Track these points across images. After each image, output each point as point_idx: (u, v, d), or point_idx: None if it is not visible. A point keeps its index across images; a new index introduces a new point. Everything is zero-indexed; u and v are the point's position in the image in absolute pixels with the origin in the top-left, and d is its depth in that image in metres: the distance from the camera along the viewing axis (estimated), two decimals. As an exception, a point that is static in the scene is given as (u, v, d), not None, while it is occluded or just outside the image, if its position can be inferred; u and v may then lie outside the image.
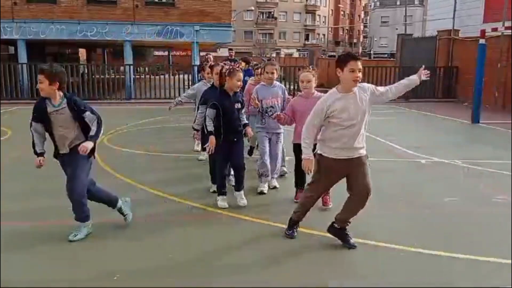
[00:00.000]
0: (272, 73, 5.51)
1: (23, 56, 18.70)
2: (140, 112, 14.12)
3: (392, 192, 5.70)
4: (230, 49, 13.91)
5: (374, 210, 4.99)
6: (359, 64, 3.58)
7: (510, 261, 3.66)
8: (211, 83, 6.12)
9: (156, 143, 8.85)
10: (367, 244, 4.04)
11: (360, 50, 73.12)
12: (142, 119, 12.21)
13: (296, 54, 64.27)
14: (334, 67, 3.78)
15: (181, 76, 18.28)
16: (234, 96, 4.94)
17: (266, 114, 5.50)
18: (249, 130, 5.13)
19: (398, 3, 67.31)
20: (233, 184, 5.24)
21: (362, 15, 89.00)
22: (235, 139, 4.95)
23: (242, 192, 5.08)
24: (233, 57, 12.78)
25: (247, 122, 5.18)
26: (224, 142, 4.88)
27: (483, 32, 12.26)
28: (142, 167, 6.96)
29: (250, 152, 7.27)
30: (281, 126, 5.50)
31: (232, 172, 5.47)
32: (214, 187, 5.40)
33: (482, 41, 12.03)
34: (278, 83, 5.69)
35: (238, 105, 4.98)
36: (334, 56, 55.89)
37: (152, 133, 10.29)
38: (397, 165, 7.20)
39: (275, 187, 5.70)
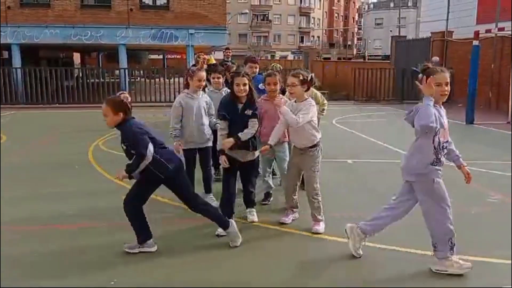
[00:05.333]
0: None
1: (17, 61, 18.65)
2: (135, 115, 14.01)
3: (387, 193, 5.68)
4: (227, 49, 11.15)
5: (369, 211, 5.01)
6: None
7: (510, 261, 3.67)
8: (199, 93, 5.11)
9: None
10: (364, 246, 4.04)
11: (355, 52, 73.47)
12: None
13: (291, 57, 64.33)
14: (329, 69, 3.80)
15: (176, 79, 18.27)
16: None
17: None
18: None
19: (391, 5, 67.77)
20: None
21: (356, 17, 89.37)
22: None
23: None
24: (230, 59, 10.48)
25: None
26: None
27: (476, 33, 12.35)
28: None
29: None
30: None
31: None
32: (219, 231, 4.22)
33: (475, 42, 12.12)
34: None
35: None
36: (329, 58, 56.17)
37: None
38: (392, 166, 7.18)
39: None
